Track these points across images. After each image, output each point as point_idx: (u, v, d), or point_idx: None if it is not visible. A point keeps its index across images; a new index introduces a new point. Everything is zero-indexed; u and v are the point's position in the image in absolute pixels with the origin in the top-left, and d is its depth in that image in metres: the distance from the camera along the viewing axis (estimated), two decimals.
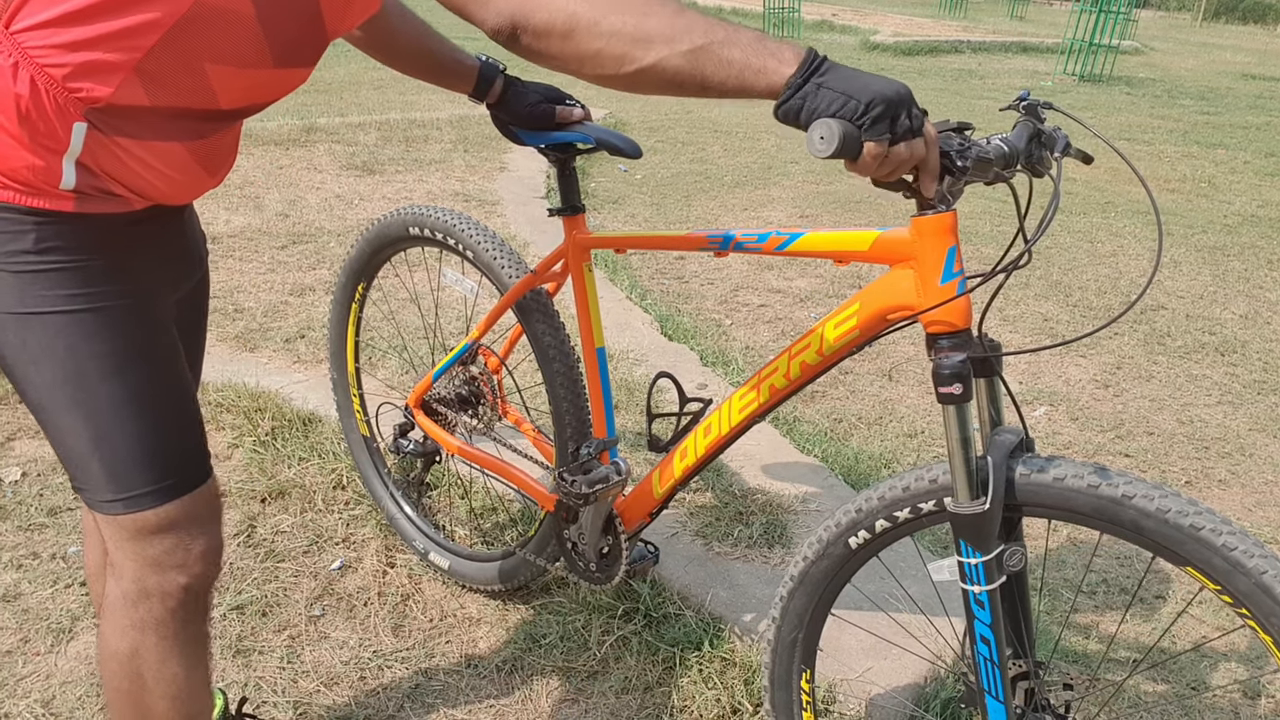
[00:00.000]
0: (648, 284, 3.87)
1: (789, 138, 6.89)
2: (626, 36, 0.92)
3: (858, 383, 3.14)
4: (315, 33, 1.12)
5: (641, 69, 0.93)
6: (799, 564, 1.33)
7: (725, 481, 2.39)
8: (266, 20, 1.04)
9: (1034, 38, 15.13)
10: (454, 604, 2.00)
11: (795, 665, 1.38)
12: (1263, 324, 3.90)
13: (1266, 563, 1.03)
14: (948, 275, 1.14)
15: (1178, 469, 2.75)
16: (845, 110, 0.86)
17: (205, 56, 1.03)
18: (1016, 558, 1.18)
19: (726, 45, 0.91)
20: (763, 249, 1.34)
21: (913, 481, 1.22)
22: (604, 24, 0.93)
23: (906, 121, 0.88)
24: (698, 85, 0.93)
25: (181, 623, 1.17)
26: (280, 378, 2.78)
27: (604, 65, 0.94)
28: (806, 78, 0.88)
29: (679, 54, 0.91)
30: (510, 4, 0.96)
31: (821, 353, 1.29)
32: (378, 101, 7.03)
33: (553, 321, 1.73)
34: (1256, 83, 12.34)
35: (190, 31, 1.00)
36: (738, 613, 1.94)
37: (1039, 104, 1.20)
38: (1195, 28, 22.68)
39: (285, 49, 1.09)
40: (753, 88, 0.91)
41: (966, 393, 1.14)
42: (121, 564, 1.14)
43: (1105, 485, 1.09)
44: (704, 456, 1.51)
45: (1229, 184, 6.38)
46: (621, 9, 0.94)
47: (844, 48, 13.16)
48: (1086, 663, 1.91)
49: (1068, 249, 4.69)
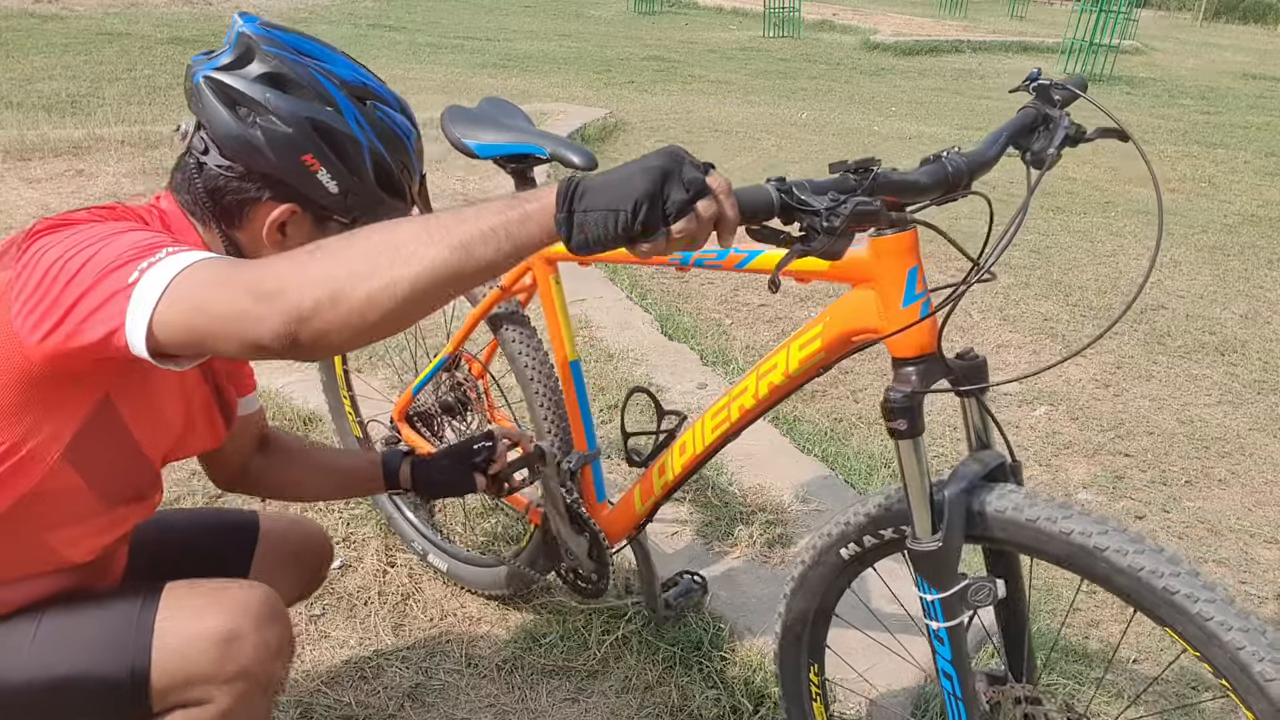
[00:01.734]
0: (648, 283, 3.87)
1: (789, 138, 6.90)
2: (384, 260, 0.83)
3: (858, 383, 3.14)
4: (146, 473, 1.18)
5: (415, 279, 0.83)
6: (797, 567, 1.33)
7: (725, 481, 2.39)
8: (95, 483, 1.11)
9: (1034, 37, 15.12)
10: (454, 603, 2.00)
11: (803, 659, 1.39)
12: (1263, 324, 3.90)
13: (1245, 637, 0.96)
14: (909, 297, 1.10)
15: (1178, 469, 2.75)
16: (619, 224, 0.81)
17: (41, 528, 1.10)
18: (983, 594, 1.13)
19: (483, 223, 0.84)
20: (723, 265, 1.32)
21: (895, 502, 1.19)
22: (358, 263, 0.84)
23: (680, 194, 0.81)
24: (475, 270, 0.84)
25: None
26: (280, 377, 2.78)
27: (377, 303, 0.83)
28: (569, 211, 0.83)
29: (445, 248, 0.83)
30: (278, 305, 0.85)
31: (788, 374, 1.27)
32: None
33: (526, 335, 1.72)
34: (1257, 82, 12.33)
35: (22, 513, 1.07)
36: (738, 613, 1.94)
37: (1050, 84, 1.14)
38: (1196, 27, 22.66)
39: (121, 496, 1.16)
40: (527, 238, 0.84)
41: (913, 427, 1.10)
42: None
43: (1078, 533, 1.03)
44: (681, 474, 1.50)
45: (1229, 184, 6.37)
46: (365, 242, 0.87)
47: (844, 47, 13.17)
48: (1084, 688, 1.91)
49: (1068, 249, 4.69)
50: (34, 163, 4.81)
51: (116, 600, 1.14)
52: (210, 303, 0.88)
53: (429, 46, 10.40)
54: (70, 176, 4.66)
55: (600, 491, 1.74)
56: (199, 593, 1.15)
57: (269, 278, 0.86)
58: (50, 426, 1.04)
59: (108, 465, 1.11)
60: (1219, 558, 2.34)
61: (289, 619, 1.18)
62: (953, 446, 2.72)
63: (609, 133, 6.61)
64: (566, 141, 1.53)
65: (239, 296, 0.86)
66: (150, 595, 1.14)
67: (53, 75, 7.20)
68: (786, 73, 10.62)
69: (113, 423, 1.09)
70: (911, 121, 7.97)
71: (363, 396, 2.29)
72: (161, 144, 5.28)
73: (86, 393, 1.05)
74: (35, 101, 6.28)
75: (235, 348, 0.87)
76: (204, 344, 0.89)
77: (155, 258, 0.91)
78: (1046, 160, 1.10)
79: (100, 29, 9.74)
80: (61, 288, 0.93)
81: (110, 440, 1.10)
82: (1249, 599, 2.19)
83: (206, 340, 0.88)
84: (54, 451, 1.05)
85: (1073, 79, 1.17)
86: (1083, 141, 1.13)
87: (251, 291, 0.86)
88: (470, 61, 9.54)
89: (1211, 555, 2.35)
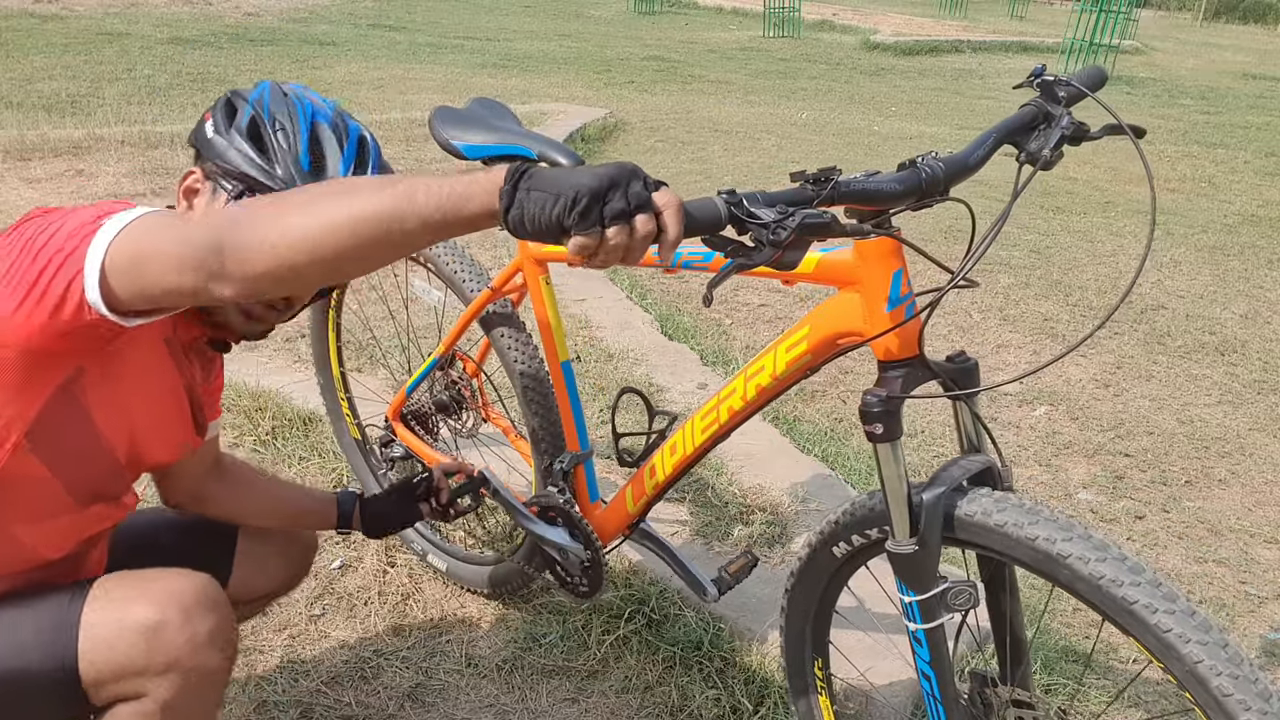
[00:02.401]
0: (648, 283, 3.87)
1: (789, 138, 6.89)
2: (323, 192, 0.89)
3: (858, 382, 3.13)
4: (111, 467, 1.18)
5: (352, 219, 0.86)
6: (796, 563, 1.34)
7: (725, 481, 2.39)
8: (60, 472, 1.11)
9: (1034, 37, 15.12)
10: (454, 603, 2.00)
11: (807, 653, 1.40)
12: (1263, 324, 3.90)
13: (1203, 650, 0.94)
14: (894, 300, 1.10)
15: (1178, 469, 2.75)
16: (556, 209, 0.83)
17: (11, 520, 1.11)
18: (963, 598, 1.13)
19: (432, 180, 0.87)
20: (709, 267, 1.32)
21: (878, 503, 1.19)
22: (298, 195, 0.90)
23: (620, 204, 0.83)
24: (417, 220, 0.86)
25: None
26: (280, 377, 2.78)
27: (316, 245, 0.86)
28: (515, 185, 0.85)
29: (387, 195, 0.86)
30: (213, 221, 0.92)
31: (775, 376, 1.27)
32: (377, 101, 7.03)
33: (517, 335, 1.72)
34: (1256, 82, 12.33)
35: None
36: (738, 613, 1.94)
37: (1055, 80, 1.11)
38: (1195, 27, 22.66)
39: (90, 492, 1.16)
40: (468, 201, 0.87)
41: (890, 431, 1.11)
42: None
43: (1043, 539, 1.03)
44: (672, 474, 1.50)
45: (1229, 184, 6.37)
46: (311, 188, 0.92)
47: (844, 47, 13.17)
48: (1078, 689, 1.91)
49: (1068, 248, 4.69)
50: (34, 163, 4.81)
51: (49, 595, 1.13)
52: (153, 235, 0.94)
53: (429, 46, 10.39)
54: (70, 176, 4.66)
55: (593, 491, 1.74)
56: (128, 584, 1.13)
57: (212, 212, 0.96)
58: (14, 408, 1.04)
59: (71, 454, 1.11)
60: (1219, 558, 2.34)
61: (227, 608, 1.15)
62: (953, 448, 2.72)
63: (609, 133, 6.61)
64: (554, 143, 1.54)
65: (179, 225, 0.94)
66: (80, 589, 1.12)
67: (53, 75, 7.20)
68: (786, 73, 10.62)
69: (75, 409, 1.09)
70: (911, 121, 7.97)
71: (361, 399, 2.29)
72: (161, 144, 5.28)
73: (51, 374, 1.05)
74: (35, 101, 6.28)
75: (173, 275, 0.91)
76: (147, 278, 0.93)
77: (115, 214, 0.97)
78: (1040, 160, 1.08)
79: (100, 29, 9.74)
80: (31, 258, 0.96)
81: (71, 426, 1.10)
82: (1249, 599, 2.19)
83: (149, 273, 0.92)
84: (16, 431, 1.05)
85: (1088, 72, 1.14)
86: (1087, 139, 1.10)
87: (193, 222, 0.95)
88: (470, 61, 9.54)
89: (1211, 555, 2.35)
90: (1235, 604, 2.17)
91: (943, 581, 1.14)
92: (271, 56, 8.83)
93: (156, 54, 8.50)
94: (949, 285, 1.07)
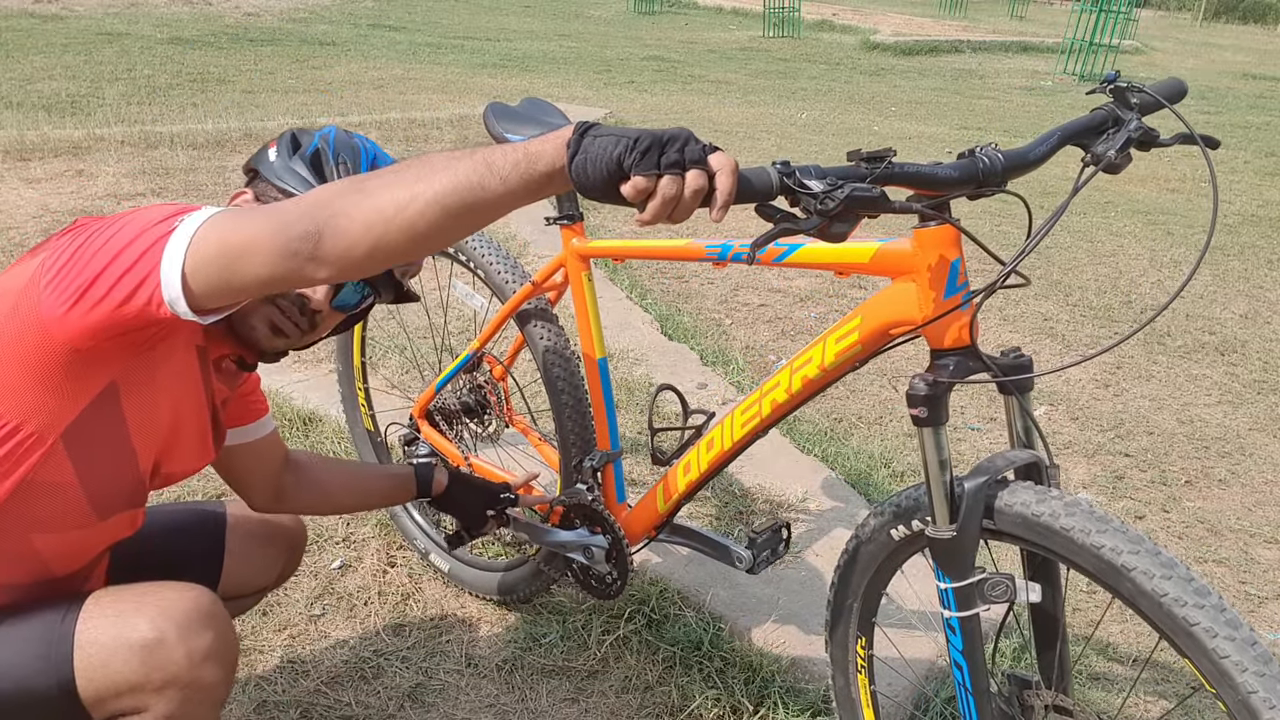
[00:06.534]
0: (648, 283, 3.87)
1: (789, 138, 6.89)
2: (408, 173, 0.91)
3: (858, 383, 3.13)
4: (134, 477, 1.18)
5: (439, 192, 0.89)
6: (853, 540, 1.34)
7: (725, 481, 2.39)
8: (88, 484, 1.11)
9: (1034, 37, 15.12)
10: (454, 603, 2.00)
11: (852, 630, 1.40)
12: (1263, 324, 3.90)
13: (1259, 681, 0.93)
14: (951, 289, 1.11)
15: (1178, 468, 2.75)
16: (618, 149, 0.87)
17: (31, 527, 1.10)
18: (1000, 589, 1.14)
19: (503, 147, 0.91)
20: (761, 260, 1.32)
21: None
22: (383, 176, 0.92)
23: (675, 155, 0.87)
24: (498, 184, 0.89)
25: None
26: (281, 377, 2.78)
27: (411, 222, 0.89)
28: (581, 135, 0.89)
29: (466, 165, 0.89)
30: (304, 208, 0.93)
31: (823, 367, 1.27)
32: (378, 101, 7.03)
33: (554, 331, 1.72)
34: (1256, 82, 12.33)
35: (15, 507, 1.07)
36: (738, 613, 1.94)
37: (1129, 87, 1.13)
38: (1195, 27, 22.66)
39: (110, 505, 1.16)
40: (538, 167, 0.90)
41: (933, 416, 1.12)
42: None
43: (1109, 549, 1.02)
44: (707, 471, 1.49)
45: (1229, 184, 6.38)
46: (388, 170, 0.94)
47: (844, 47, 13.17)
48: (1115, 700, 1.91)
49: (1068, 249, 4.69)
50: (34, 163, 4.81)
51: (43, 612, 1.12)
52: (241, 227, 0.94)
53: (429, 46, 10.39)
54: (70, 176, 4.66)
55: (620, 492, 1.72)
56: (124, 598, 1.12)
57: (298, 198, 0.95)
58: (55, 405, 1.04)
59: (102, 462, 1.11)
60: (1219, 558, 2.34)
61: (226, 621, 1.15)
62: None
63: None
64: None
65: (266, 215, 0.94)
66: (73, 604, 1.11)
67: (53, 75, 7.20)
68: (786, 73, 10.62)
69: (113, 414, 1.09)
70: (911, 121, 7.97)
71: (377, 390, 2.28)
72: (161, 144, 5.28)
73: (96, 377, 1.05)
74: (35, 101, 6.27)
75: (266, 262, 0.91)
76: (235, 269, 0.93)
77: (190, 213, 0.97)
78: (1104, 161, 1.10)
79: (100, 29, 9.74)
80: (90, 256, 0.97)
81: (107, 433, 1.10)
82: (1249, 599, 2.19)
83: (238, 263, 0.92)
84: (54, 433, 1.05)
85: (1168, 83, 1.16)
86: (1156, 145, 1.12)
87: (280, 207, 0.95)
88: (470, 61, 9.54)
89: (1211, 555, 2.35)
90: (1235, 604, 2.17)
91: (979, 572, 1.15)
92: (271, 56, 8.83)
93: (156, 54, 8.50)
94: (1003, 276, 1.08)
